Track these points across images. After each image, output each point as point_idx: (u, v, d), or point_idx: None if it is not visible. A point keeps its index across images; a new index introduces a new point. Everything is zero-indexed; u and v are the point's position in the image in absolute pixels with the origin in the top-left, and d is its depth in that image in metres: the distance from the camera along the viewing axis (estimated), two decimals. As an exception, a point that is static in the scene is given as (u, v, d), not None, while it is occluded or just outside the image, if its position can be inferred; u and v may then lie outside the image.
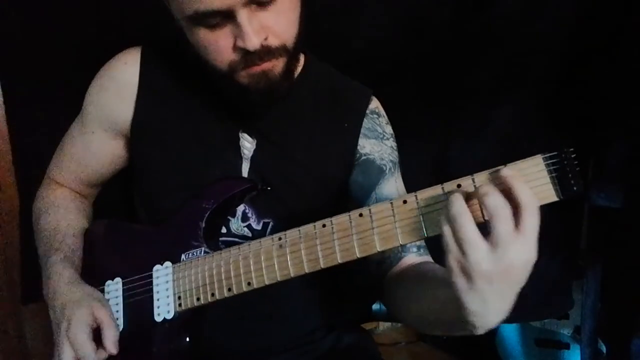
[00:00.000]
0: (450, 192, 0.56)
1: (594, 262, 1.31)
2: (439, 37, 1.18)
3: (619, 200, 1.20)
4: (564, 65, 1.20)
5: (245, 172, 0.84)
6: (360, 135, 0.88)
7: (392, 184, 0.86)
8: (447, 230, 0.53)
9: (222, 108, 0.84)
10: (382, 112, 0.92)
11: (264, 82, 0.74)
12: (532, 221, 0.51)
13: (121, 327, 0.77)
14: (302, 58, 0.90)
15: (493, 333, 1.61)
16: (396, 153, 0.90)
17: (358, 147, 0.87)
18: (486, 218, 0.53)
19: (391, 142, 0.90)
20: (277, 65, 0.74)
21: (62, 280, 0.77)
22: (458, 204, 0.52)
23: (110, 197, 1.02)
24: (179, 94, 0.85)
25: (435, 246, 0.85)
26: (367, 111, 0.89)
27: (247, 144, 0.84)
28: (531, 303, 1.31)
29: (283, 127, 0.86)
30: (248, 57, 0.71)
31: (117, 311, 0.78)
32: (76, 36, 1.09)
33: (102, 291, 0.80)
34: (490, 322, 0.55)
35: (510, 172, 0.54)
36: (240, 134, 0.84)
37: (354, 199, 0.87)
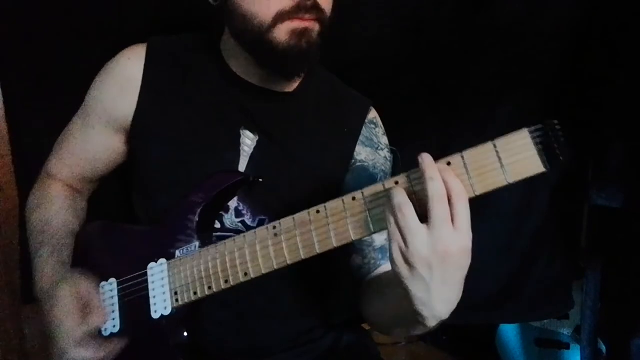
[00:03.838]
0: (392, 187, 0.59)
1: (594, 262, 1.31)
2: (439, 37, 1.18)
3: (619, 200, 1.20)
4: (564, 65, 1.21)
5: (242, 168, 0.84)
6: (358, 142, 0.89)
7: None
8: (391, 220, 0.56)
9: (224, 105, 0.84)
10: (380, 122, 0.94)
11: (303, 41, 0.76)
12: (463, 210, 0.55)
13: (118, 327, 0.77)
14: None
15: (493, 333, 1.61)
16: (389, 164, 0.92)
17: (355, 153, 0.89)
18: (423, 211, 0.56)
19: (385, 153, 0.92)
20: (315, 28, 0.77)
21: (47, 269, 0.79)
22: (400, 195, 0.56)
23: (109, 197, 1.02)
24: (183, 91, 0.85)
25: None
26: (366, 120, 0.91)
27: (248, 141, 0.85)
28: (531, 303, 1.32)
29: (285, 126, 0.86)
30: (299, 7, 0.74)
31: (113, 311, 0.78)
32: (76, 36, 1.09)
33: None
34: (437, 310, 0.58)
35: (503, 141, 0.56)
36: (241, 131, 0.85)
37: None
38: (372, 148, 0.90)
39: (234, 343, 0.85)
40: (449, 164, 0.58)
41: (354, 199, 0.63)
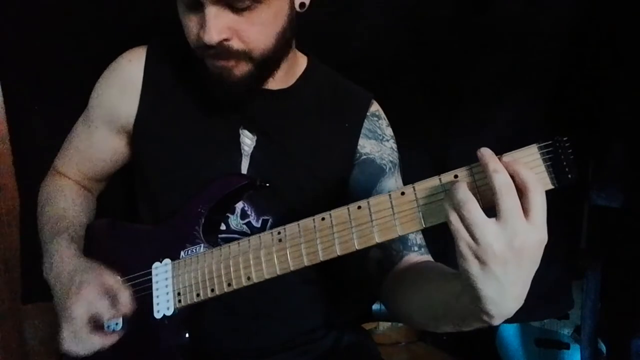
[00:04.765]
0: (452, 182, 0.57)
1: (594, 262, 1.31)
2: (439, 37, 1.18)
3: (619, 200, 1.20)
4: (564, 65, 1.21)
5: (244, 168, 0.84)
6: (361, 135, 0.89)
7: (393, 183, 0.87)
8: (454, 218, 0.53)
9: (224, 104, 0.84)
10: (383, 115, 0.93)
11: (222, 77, 0.76)
12: (539, 201, 0.51)
13: (120, 325, 0.77)
14: (304, 60, 0.91)
15: (493, 333, 1.61)
16: (396, 154, 0.91)
17: (358, 147, 0.88)
18: (486, 206, 0.54)
19: (391, 144, 0.91)
20: (237, 67, 0.75)
21: (68, 254, 0.79)
22: (463, 190, 0.53)
23: (111, 196, 1.02)
24: (183, 91, 0.86)
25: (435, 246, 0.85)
26: (368, 113, 0.90)
27: (248, 141, 0.85)
28: (531, 303, 1.31)
29: (283, 125, 0.86)
30: (206, 49, 0.73)
31: None
32: (76, 36, 1.09)
33: None
34: (507, 309, 0.54)
35: (511, 158, 0.54)
36: (241, 130, 0.85)
37: (354, 197, 0.87)
38: (377, 140, 0.90)
39: (234, 343, 0.85)
40: (456, 176, 0.57)
41: (359, 207, 0.63)
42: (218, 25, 0.70)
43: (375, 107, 0.92)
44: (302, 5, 0.79)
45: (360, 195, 0.86)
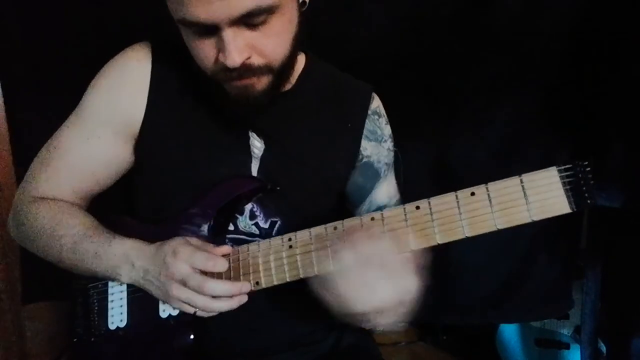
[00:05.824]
0: (467, 199, 0.58)
1: (594, 262, 1.31)
2: (439, 37, 1.18)
3: (619, 200, 1.20)
4: (564, 65, 1.21)
5: (255, 170, 0.84)
6: (362, 137, 0.89)
7: (385, 189, 0.89)
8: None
9: (232, 108, 0.83)
10: (382, 111, 0.93)
11: (244, 96, 0.74)
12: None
13: (125, 322, 0.76)
14: (303, 58, 0.91)
15: (493, 333, 1.61)
16: (392, 154, 0.92)
17: (360, 149, 0.88)
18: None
19: (388, 144, 0.91)
20: (259, 82, 0.74)
21: (112, 244, 0.77)
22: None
23: (111, 195, 1.01)
24: (190, 93, 0.83)
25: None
26: (369, 112, 0.90)
27: (257, 143, 0.85)
28: (531, 303, 1.32)
29: (287, 128, 0.86)
30: (228, 72, 0.71)
31: (121, 306, 0.78)
32: (76, 36, 1.09)
33: (106, 286, 0.80)
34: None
35: (529, 178, 0.56)
36: (250, 133, 0.84)
37: (350, 199, 0.88)
38: (376, 141, 0.90)
39: (237, 343, 0.85)
40: (472, 194, 0.58)
41: (372, 219, 0.63)
42: (238, 46, 0.68)
43: (375, 103, 0.92)
44: (303, 4, 0.78)
45: (356, 199, 0.87)
